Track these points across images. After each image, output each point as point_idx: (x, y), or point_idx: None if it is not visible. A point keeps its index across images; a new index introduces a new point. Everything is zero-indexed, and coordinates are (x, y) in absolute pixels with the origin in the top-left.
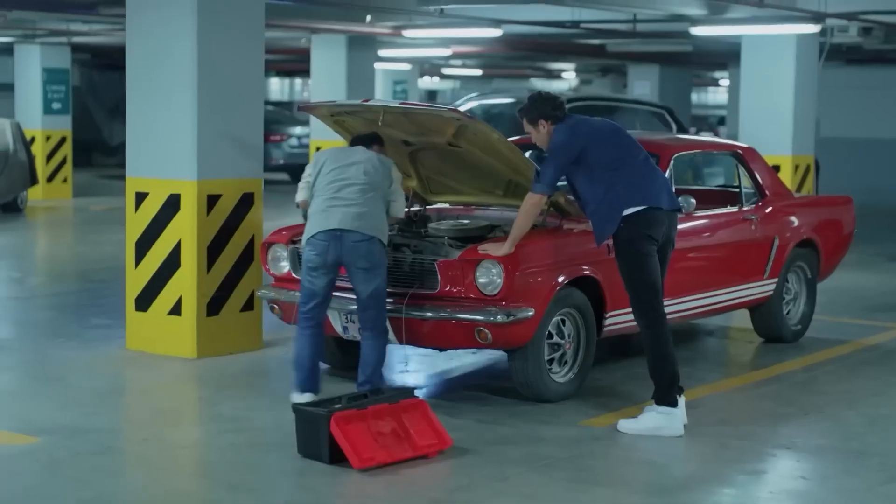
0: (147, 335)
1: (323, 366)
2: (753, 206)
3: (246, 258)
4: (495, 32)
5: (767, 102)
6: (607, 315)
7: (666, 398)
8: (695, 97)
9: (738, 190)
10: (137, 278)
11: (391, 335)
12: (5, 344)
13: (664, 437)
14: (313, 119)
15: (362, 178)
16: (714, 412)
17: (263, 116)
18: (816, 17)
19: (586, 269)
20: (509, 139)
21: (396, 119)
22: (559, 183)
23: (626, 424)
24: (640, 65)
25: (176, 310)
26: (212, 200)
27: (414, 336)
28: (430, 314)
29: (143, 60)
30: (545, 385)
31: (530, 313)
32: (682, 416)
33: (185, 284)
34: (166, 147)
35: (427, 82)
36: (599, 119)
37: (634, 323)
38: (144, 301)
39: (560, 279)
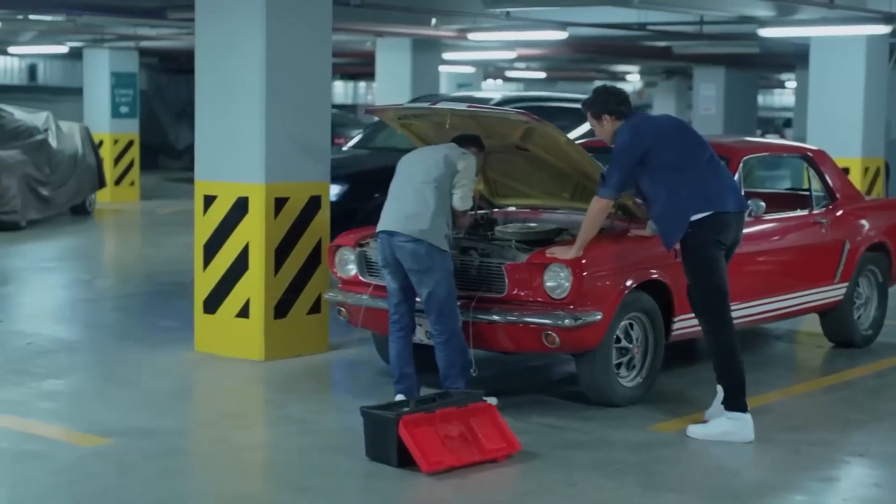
0: (215, 337)
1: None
2: (824, 209)
3: (313, 261)
4: (560, 35)
5: (836, 104)
6: (675, 319)
7: (735, 403)
8: (760, 99)
9: (808, 193)
10: (206, 281)
11: None
12: (75, 346)
13: (735, 442)
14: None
15: (419, 178)
16: (785, 418)
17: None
18: (887, 18)
19: (654, 273)
20: (578, 142)
21: (464, 122)
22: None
23: (695, 430)
24: (706, 67)
25: (244, 312)
26: (279, 203)
27: (481, 340)
28: (497, 318)
29: (212, 64)
30: (613, 389)
31: (598, 317)
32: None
33: (253, 287)
34: (234, 150)
35: (490, 85)
36: (664, 116)
37: None
38: (212, 303)
39: (628, 283)
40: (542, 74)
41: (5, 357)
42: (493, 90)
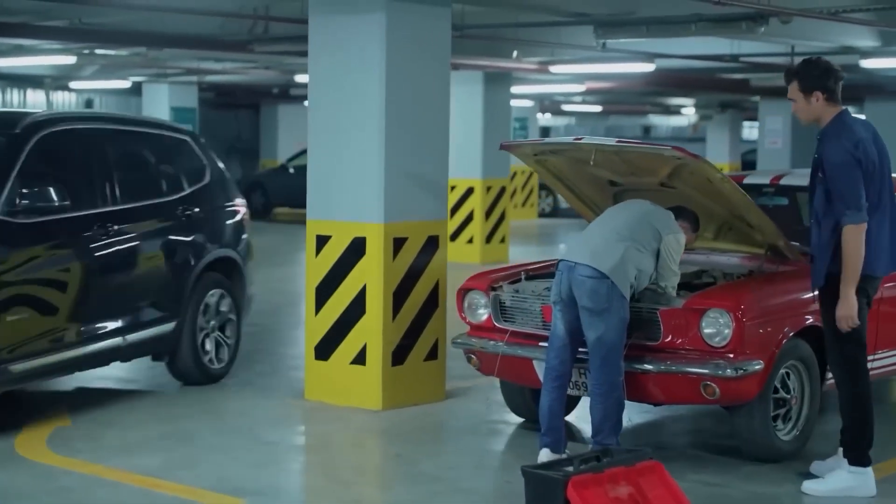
0: (328, 385)
1: (517, 419)
2: None
3: (430, 304)
4: (648, 67)
5: None
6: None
7: (861, 458)
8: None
9: None
10: (318, 325)
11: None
12: (177, 391)
13: (857, 497)
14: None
15: (620, 225)
16: None
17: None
18: None
19: (810, 319)
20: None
21: (607, 158)
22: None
23: (812, 486)
24: (773, 100)
25: (360, 359)
26: (397, 244)
27: (633, 390)
28: (650, 367)
29: (326, 97)
30: (772, 443)
31: (759, 367)
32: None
33: (371, 332)
34: (350, 188)
35: (540, 119)
36: (880, 139)
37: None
38: (325, 349)
39: (786, 329)
40: (597, 108)
41: (103, 401)
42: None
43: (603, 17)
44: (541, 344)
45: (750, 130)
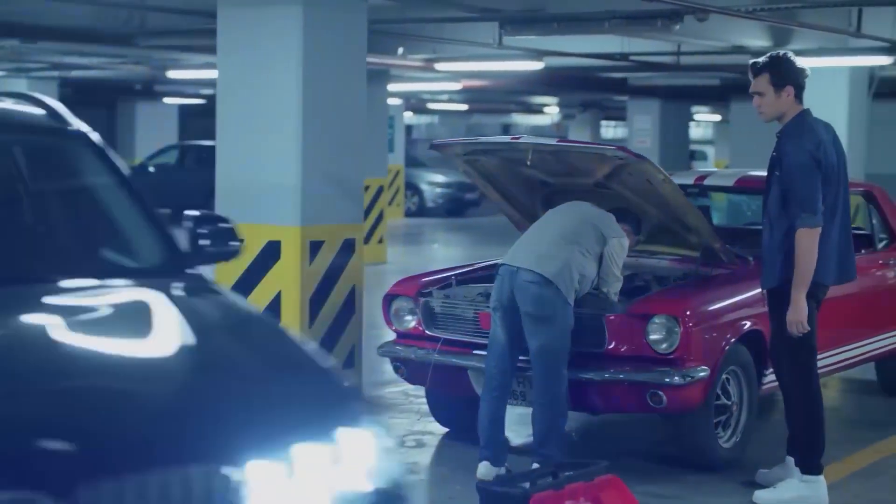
0: None
1: (441, 429)
2: (886, 249)
3: (347, 311)
4: (537, 65)
5: None
6: (767, 371)
7: (814, 466)
8: None
9: (869, 233)
10: None
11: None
12: None
13: None
14: None
15: (565, 228)
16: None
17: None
18: (892, 49)
19: (749, 323)
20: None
21: (543, 159)
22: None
23: (764, 496)
24: (642, 99)
25: None
26: (314, 247)
27: (575, 399)
28: (593, 376)
29: (238, 96)
30: (714, 451)
31: (705, 373)
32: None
33: None
34: (265, 190)
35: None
36: (838, 142)
37: None
38: None
39: (728, 335)
40: (463, 107)
41: None
42: None
43: (512, 13)
44: (475, 352)
45: (606, 129)
